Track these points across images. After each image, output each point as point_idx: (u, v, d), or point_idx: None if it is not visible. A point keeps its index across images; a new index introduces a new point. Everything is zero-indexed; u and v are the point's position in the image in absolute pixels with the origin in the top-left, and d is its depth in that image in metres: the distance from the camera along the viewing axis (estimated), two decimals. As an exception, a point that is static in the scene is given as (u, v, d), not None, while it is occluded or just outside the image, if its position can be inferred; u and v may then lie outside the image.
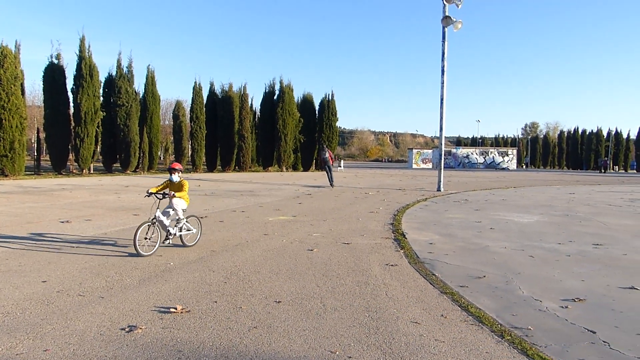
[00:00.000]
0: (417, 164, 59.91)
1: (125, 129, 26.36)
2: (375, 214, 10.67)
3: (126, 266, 5.37)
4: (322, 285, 4.75)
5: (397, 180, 26.17)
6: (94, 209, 10.60)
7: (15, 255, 5.82)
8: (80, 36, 24.62)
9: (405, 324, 3.69)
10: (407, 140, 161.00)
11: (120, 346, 3.16)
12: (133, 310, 3.88)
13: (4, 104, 19.85)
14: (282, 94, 35.67)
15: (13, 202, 11.74)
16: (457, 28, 18.07)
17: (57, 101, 23.81)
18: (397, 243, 7.20)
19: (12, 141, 20.18)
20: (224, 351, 3.12)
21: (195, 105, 31.85)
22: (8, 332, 3.36)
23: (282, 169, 36.66)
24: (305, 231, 8.14)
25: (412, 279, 5.12)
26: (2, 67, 19.89)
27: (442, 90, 18.75)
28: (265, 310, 3.96)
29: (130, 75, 27.04)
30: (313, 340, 3.34)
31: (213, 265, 5.51)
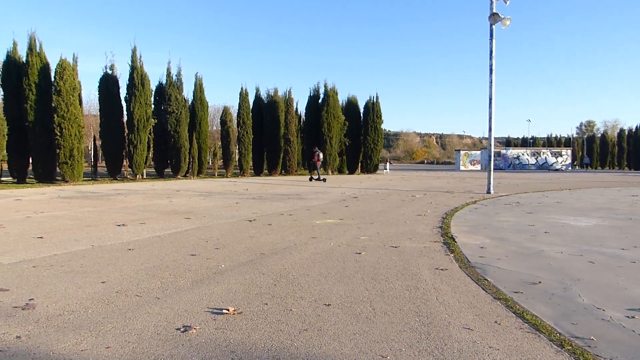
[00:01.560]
0: (464, 166, 58.73)
1: (175, 135, 27.17)
2: (423, 217, 10.53)
3: (179, 268, 5.53)
4: (371, 289, 4.73)
5: (445, 183, 25.73)
6: (147, 212, 10.97)
7: (77, 257, 6.11)
8: (132, 47, 25.57)
9: (457, 330, 3.62)
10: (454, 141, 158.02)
11: (176, 345, 3.26)
12: (187, 310, 3.99)
13: (63, 113, 20.86)
14: (326, 98, 35.84)
15: (73, 206, 12.31)
16: (506, 25, 17.62)
17: (111, 110, 24.83)
18: (446, 247, 7.08)
19: (71, 149, 21.16)
20: (275, 353, 3.16)
21: (242, 110, 32.44)
22: (73, 329, 3.53)
23: (328, 172, 36.77)
24: (352, 234, 8.13)
25: (463, 283, 5.02)
26: (62, 79, 20.91)
27: (491, 90, 18.31)
28: (315, 313, 3.99)
29: (179, 83, 27.85)
30: (363, 344, 3.34)
31: (263, 268, 5.59)
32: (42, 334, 3.41)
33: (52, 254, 6.22)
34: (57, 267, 5.53)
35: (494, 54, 18.20)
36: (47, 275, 5.12)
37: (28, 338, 3.33)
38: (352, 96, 39.41)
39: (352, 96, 39.41)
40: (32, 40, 21.35)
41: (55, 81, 21.06)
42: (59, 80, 20.89)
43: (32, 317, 3.76)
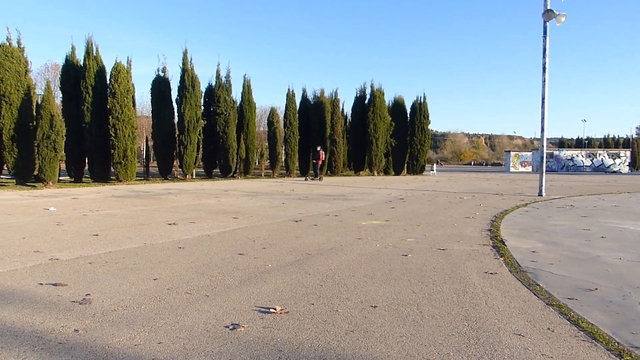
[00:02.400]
0: (515, 168, 57.11)
1: (224, 136, 27.73)
2: (471, 220, 10.31)
3: (228, 267, 5.65)
4: (418, 292, 4.67)
5: (494, 185, 25.09)
6: (197, 212, 11.25)
7: (130, 254, 6.34)
8: (183, 50, 26.26)
9: (508, 336, 3.52)
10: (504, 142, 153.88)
11: (225, 343, 3.32)
12: (235, 309, 4.07)
13: (118, 115, 21.68)
14: (372, 98, 35.72)
15: (126, 205, 12.78)
16: (560, 22, 16.98)
17: (163, 111, 25.60)
18: (496, 250, 6.91)
19: (125, 149, 21.97)
20: (322, 353, 3.17)
21: (288, 111, 32.75)
22: (127, 324, 3.66)
23: (374, 173, 36.60)
24: (398, 236, 8.06)
25: (514, 288, 4.88)
26: (117, 81, 21.74)
27: (544, 89, 17.71)
28: (361, 314, 3.97)
29: (228, 84, 28.41)
30: (410, 347, 3.30)
31: (309, 268, 5.62)
32: (98, 328, 3.56)
33: (107, 251, 6.48)
34: (112, 263, 5.76)
35: (548, 52, 17.59)
36: (103, 272, 5.34)
37: (85, 332, 3.48)
38: (399, 96, 39.14)
39: (398, 96, 39.14)
40: (89, 44, 22.31)
41: (110, 84, 21.91)
42: (114, 83, 21.74)
43: (89, 312, 3.93)
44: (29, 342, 3.27)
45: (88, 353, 3.10)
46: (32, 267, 5.48)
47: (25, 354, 3.07)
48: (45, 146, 18.65)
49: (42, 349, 3.16)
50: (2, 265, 5.57)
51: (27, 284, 4.78)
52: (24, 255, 6.15)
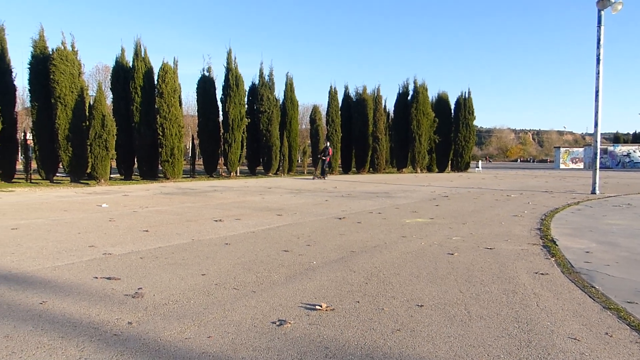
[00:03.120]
0: (565, 164, 55.16)
1: (267, 134, 28.06)
2: (519, 218, 10.02)
3: (273, 263, 5.70)
4: (465, 292, 4.58)
5: (543, 182, 24.31)
6: (242, 209, 11.42)
7: (179, 249, 6.50)
8: (227, 49, 26.75)
9: (562, 340, 3.39)
10: (553, 138, 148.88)
11: (272, 338, 3.35)
12: (282, 305, 4.10)
13: (165, 114, 22.29)
14: (415, 94, 35.31)
15: (174, 202, 13.12)
16: (617, 10, 16.20)
17: (208, 110, 26.15)
18: (546, 250, 6.68)
19: (172, 148, 22.58)
20: (368, 351, 3.16)
21: (330, 109, 32.80)
22: (177, 318, 3.75)
23: (417, 170, 36.17)
24: (444, 234, 7.92)
25: (567, 290, 4.70)
26: (164, 81, 22.35)
27: (598, 82, 16.99)
28: (407, 313, 3.93)
29: (271, 83, 28.71)
30: (459, 347, 3.23)
31: (353, 266, 5.61)
32: (150, 321, 3.67)
33: (157, 247, 6.67)
34: (162, 258, 5.92)
35: (602, 43, 16.84)
36: (153, 266, 5.50)
37: (138, 324, 3.60)
38: (443, 92, 38.50)
39: (442, 92, 38.50)
40: (137, 46, 23.06)
41: (158, 84, 22.56)
42: (161, 83, 22.36)
43: (141, 305, 4.05)
44: (87, 332, 3.41)
45: (141, 345, 3.20)
46: (87, 261, 5.70)
47: (83, 344, 3.20)
48: (98, 145, 19.39)
49: (98, 339, 3.29)
50: (61, 259, 5.82)
51: (83, 277, 4.98)
52: (79, 249, 6.41)
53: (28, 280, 4.83)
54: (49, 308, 3.94)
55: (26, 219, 9.26)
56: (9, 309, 3.89)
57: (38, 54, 19.84)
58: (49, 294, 4.35)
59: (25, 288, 4.52)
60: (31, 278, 4.91)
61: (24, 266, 5.42)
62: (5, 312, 3.84)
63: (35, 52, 19.90)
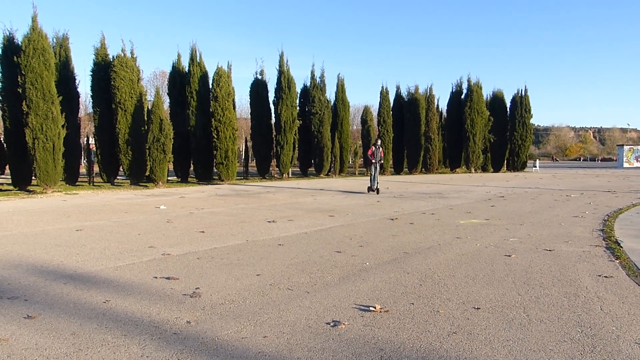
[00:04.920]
0: (628, 163, 52.33)
1: (318, 136, 28.21)
2: (580, 219, 9.61)
3: (326, 264, 5.74)
4: (524, 294, 4.45)
5: (605, 181, 23.19)
6: (294, 210, 11.55)
7: (234, 250, 6.66)
8: (280, 52, 27.11)
9: (628, 345, 3.24)
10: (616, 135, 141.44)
11: (327, 339, 3.39)
12: (335, 306, 4.13)
13: (220, 117, 22.84)
14: (469, 93, 34.53)
15: (229, 203, 13.44)
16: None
17: (260, 113, 26.58)
18: (610, 252, 6.38)
19: (226, 150, 23.10)
20: (424, 354, 3.13)
21: (382, 109, 32.58)
22: (234, 317, 3.86)
23: (471, 170, 35.34)
24: (500, 235, 7.72)
25: (633, 293, 4.48)
26: (218, 85, 22.90)
27: (665, 76, 16.01)
28: (463, 315, 3.86)
29: (322, 84, 28.84)
30: (518, 351, 3.15)
31: (407, 267, 5.56)
32: (208, 321, 3.78)
33: (213, 247, 6.86)
34: (218, 259, 6.09)
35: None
36: (209, 267, 5.67)
37: (196, 324, 3.72)
38: (498, 90, 37.46)
39: (497, 90, 37.46)
40: (193, 51, 23.75)
41: (212, 88, 23.14)
42: (215, 87, 22.93)
43: (199, 305, 4.19)
44: (148, 331, 3.56)
45: (200, 344, 3.31)
46: (147, 262, 5.95)
47: (145, 342, 3.35)
48: (156, 149, 20.12)
49: (159, 338, 3.43)
50: (122, 259, 6.10)
51: (143, 277, 5.20)
52: (140, 250, 6.69)
53: (92, 279, 5.09)
54: (112, 307, 4.14)
55: (89, 221, 9.75)
56: (75, 308, 4.12)
57: (100, 61, 20.82)
58: (112, 293, 4.57)
59: (90, 287, 4.77)
60: (95, 278, 5.17)
61: (88, 266, 5.71)
62: (71, 310, 4.06)
63: (97, 60, 20.89)
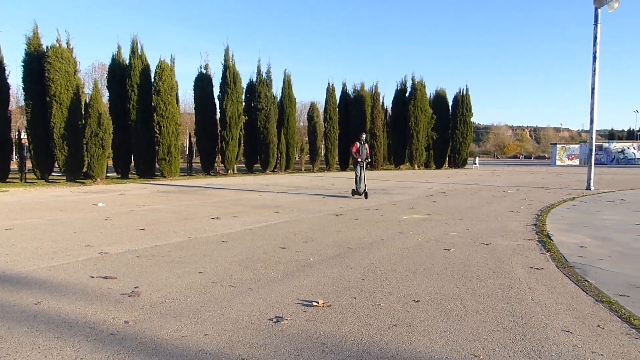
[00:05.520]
0: (561, 161, 55.27)
1: (264, 131, 28.02)
2: (516, 214, 10.07)
3: (270, 260, 5.73)
4: (462, 287, 4.61)
5: (539, 178, 24.40)
6: (239, 206, 11.44)
7: (176, 248, 6.52)
8: (225, 47, 26.69)
9: (555, 332, 3.43)
10: (550, 134, 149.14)
11: (269, 335, 3.38)
12: (279, 302, 4.13)
13: (162, 112, 22.24)
14: (413, 91, 35.32)
15: (171, 200, 13.13)
16: (613, 8, 16.25)
17: (205, 108, 26.08)
18: (542, 245, 6.73)
19: (169, 146, 22.54)
20: (365, 346, 3.19)
21: (328, 106, 32.80)
22: (174, 316, 3.77)
23: (414, 167, 36.24)
24: (440, 230, 7.96)
25: (561, 284, 4.75)
26: (161, 79, 22.29)
27: (594, 79, 17.04)
28: (404, 308, 3.96)
29: (268, 80, 28.65)
30: (455, 342, 3.27)
31: (350, 262, 5.64)
32: (147, 320, 3.68)
33: (154, 245, 6.69)
34: (159, 257, 5.94)
35: (599, 40, 16.88)
36: (150, 265, 5.52)
37: (135, 323, 3.61)
38: (441, 89, 38.59)
39: (440, 89, 38.59)
40: (134, 43, 22.97)
41: (154, 82, 22.49)
42: (158, 81, 22.30)
43: (138, 304, 4.07)
44: (83, 332, 3.42)
45: (138, 344, 3.22)
46: (83, 261, 5.71)
47: (79, 344, 3.22)
48: (94, 144, 19.35)
49: (95, 339, 3.30)
50: (56, 259, 5.83)
51: (79, 276, 4.99)
52: (75, 249, 6.42)
53: (23, 281, 4.84)
54: (45, 308, 3.95)
55: (21, 219, 9.25)
56: (2, 310, 3.89)
57: (32, 52, 19.69)
58: (45, 294, 4.36)
59: (20, 289, 4.52)
60: (26, 279, 4.91)
61: (18, 267, 5.42)
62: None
63: (29, 50, 19.73)
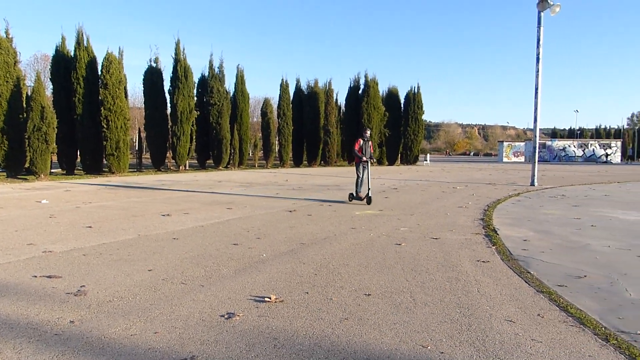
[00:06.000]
0: (508, 158, 57.40)
1: (217, 127, 27.64)
2: (464, 209, 10.39)
3: (223, 257, 5.67)
4: (412, 280, 4.73)
5: (487, 175, 25.24)
6: (190, 203, 11.25)
7: (124, 245, 6.35)
8: (176, 40, 26.08)
9: (499, 322, 3.58)
10: (497, 132, 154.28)
11: (220, 332, 3.36)
12: (231, 298, 4.10)
13: (110, 106, 21.51)
14: (367, 88, 35.71)
15: (120, 197, 12.75)
16: (555, 12, 17.04)
17: (155, 102, 25.42)
18: (488, 239, 6.98)
19: (117, 141, 21.84)
20: (316, 340, 3.22)
21: (282, 102, 32.70)
22: (123, 315, 3.68)
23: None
24: (392, 225, 8.11)
25: (505, 276, 4.95)
26: (108, 72, 21.55)
27: (537, 79, 17.79)
28: (355, 302, 4.02)
29: (221, 75, 28.26)
30: (404, 333, 3.35)
31: (303, 258, 5.66)
32: (94, 319, 3.58)
33: (101, 243, 6.49)
34: (106, 255, 5.77)
35: (542, 42, 17.65)
36: (97, 263, 5.35)
37: (81, 323, 3.50)
38: (393, 87, 39.18)
39: (392, 87, 39.18)
40: (79, 34, 22.05)
41: (102, 74, 21.71)
42: (105, 74, 21.55)
43: (84, 303, 3.94)
44: (25, 333, 3.29)
45: (84, 344, 3.13)
46: (25, 260, 5.48)
47: (21, 346, 3.09)
48: (37, 138, 18.51)
49: (38, 340, 3.18)
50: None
51: (21, 276, 4.78)
52: (17, 248, 6.14)
53: (-39, 279, 4.59)
54: (-16, 308, 3.77)
55: (-41, 216, 8.77)
56: (-60, 310, 3.69)
57: (-33, 41, 18.63)
58: (-16, 293, 4.15)
59: (-42, 288, 4.30)
60: (-36, 277, 4.67)
61: (-44, 265, 5.14)
62: (-64, 313, 3.64)
63: (-36, 39, 18.67)
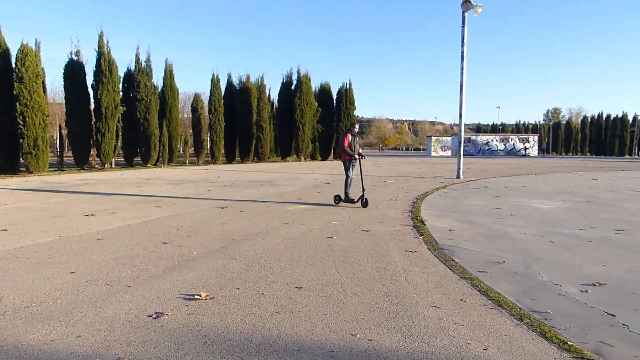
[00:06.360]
0: (436, 152, 59.51)
1: (145, 123, 26.68)
2: (394, 202, 10.69)
3: (151, 256, 5.52)
4: (342, 272, 4.82)
5: (416, 168, 26.09)
6: (117, 202, 10.82)
7: (44, 248, 6.01)
8: (99, 32, 24.82)
9: (424, 308, 3.74)
10: (426, 128, 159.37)
11: (148, 332, 3.27)
12: (159, 297, 4.00)
13: (26, 102, 20.20)
14: (299, 84, 35.80)
15: (39, 197, 12.04)
16: (478, 12, 17.89)
17: (77, 97, 24.12)
18: (416, 230, 7.23)
19: (35, 138, 20.55)
20: (247, 335, 3.21)
21: (213, 97, 32.07)
22: (42, 320, 3.50)
23: (301, 159, 36.84)
24: (324, 219, 8.21)
25: (432, 264, 5.16)
26: (24, 65, 20.20)
27: (462, 77, 18.58)
28: (287, 296, 4.05)
29: (148, 69, 27.27)
30: (334, 324, 3.42)
31: (235, 254, 5.62)
32: (10, 326, 3.37)
33: (18, 246, 6.10)
34: (24, 259, 5.44)
35: (466, 41, 18.45)
36: (13, 268, 5.03)
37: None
38: (326, 83, 39.56)
39: (325, 83, 39.56)
40: (-10, 25, 20.54)
41: (16, 67, 20.29)
42: (20, 67, 20.16)
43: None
44: None
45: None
46: None
47: None
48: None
49: (-55, 350, 2.96)
50: None
51: None
52: None
53: None
54: None
55: None
56: None
57: None
58: None
59: None
60: None
61: None
62: None
63: None
